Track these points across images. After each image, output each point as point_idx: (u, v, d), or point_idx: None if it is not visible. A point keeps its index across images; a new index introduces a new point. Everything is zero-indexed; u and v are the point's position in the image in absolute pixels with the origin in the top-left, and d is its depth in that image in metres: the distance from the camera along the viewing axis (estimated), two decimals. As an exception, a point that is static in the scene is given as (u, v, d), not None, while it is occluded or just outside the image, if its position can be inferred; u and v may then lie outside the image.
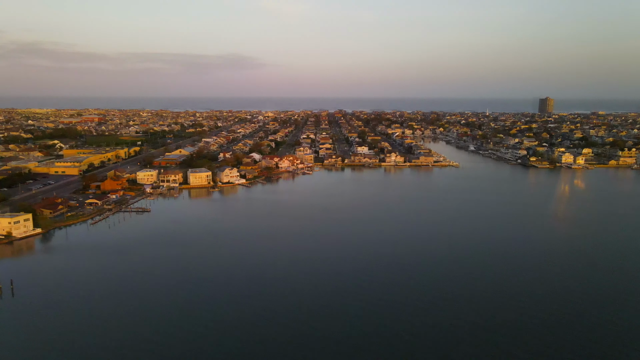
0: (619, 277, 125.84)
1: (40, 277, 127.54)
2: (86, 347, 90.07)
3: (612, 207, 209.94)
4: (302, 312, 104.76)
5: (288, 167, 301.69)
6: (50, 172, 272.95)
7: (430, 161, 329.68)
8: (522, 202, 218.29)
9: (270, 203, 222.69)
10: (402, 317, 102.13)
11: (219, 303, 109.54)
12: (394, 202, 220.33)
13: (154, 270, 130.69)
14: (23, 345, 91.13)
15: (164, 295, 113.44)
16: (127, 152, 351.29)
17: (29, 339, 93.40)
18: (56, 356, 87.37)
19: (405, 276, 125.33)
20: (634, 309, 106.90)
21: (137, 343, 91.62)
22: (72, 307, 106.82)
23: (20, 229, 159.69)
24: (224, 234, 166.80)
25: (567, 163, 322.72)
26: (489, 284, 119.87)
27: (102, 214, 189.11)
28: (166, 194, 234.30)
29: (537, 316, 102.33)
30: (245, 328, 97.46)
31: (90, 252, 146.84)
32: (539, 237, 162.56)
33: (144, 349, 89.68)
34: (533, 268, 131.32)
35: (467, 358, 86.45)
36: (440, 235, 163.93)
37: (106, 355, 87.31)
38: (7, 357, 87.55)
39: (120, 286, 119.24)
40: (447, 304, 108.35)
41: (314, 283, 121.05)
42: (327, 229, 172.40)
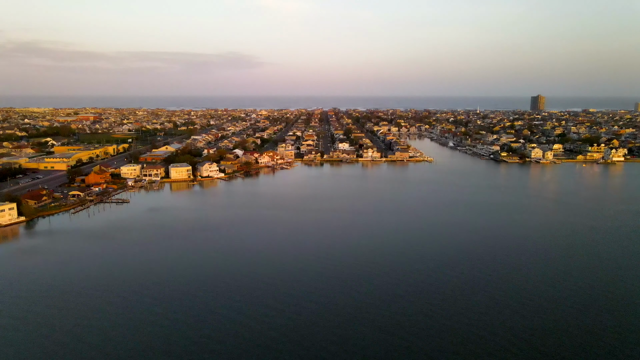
0: (553, 254, 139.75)
1: (21, 257, 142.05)
2: (62, 307, 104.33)
3: (559, 197, 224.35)
4: (278, 288, 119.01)
5: (268, 163, 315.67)
6: (40, 167, 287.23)
7: (405, 156, 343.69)
8: (473, 191, 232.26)
9: (246, 194, 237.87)
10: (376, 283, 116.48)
11: (187, 280, 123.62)
12: (364, 193, 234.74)
13: (127, 250, 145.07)
14: (6, 312, 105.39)
15: (134, 272, 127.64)
16: (116, 149, 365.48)
17: (9, 308, 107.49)
18: (36, 316, 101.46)
19: (364, 252, 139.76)
20: (568, 279, 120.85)
21: (109, 307, 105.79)
22: (49, 281, 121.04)
23: (5, 217, 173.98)
24: (198, 220, 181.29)
25: (536, 158, 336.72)
26: (428, 255, 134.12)
27: (84, 204, 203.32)
28: (147, 187, 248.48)
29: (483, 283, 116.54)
30: (216, 301, 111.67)
31: (70, 236, 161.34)
32: (473, 220, 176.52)
33: (116, 312, 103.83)
34: (464, 241, 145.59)
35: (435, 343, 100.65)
36: (397, 219, 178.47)
37: (77, 314, 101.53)
38: None
39: (94, 263, 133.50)
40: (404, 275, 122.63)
41: (285, 263, 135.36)
42: (299, 217, 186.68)
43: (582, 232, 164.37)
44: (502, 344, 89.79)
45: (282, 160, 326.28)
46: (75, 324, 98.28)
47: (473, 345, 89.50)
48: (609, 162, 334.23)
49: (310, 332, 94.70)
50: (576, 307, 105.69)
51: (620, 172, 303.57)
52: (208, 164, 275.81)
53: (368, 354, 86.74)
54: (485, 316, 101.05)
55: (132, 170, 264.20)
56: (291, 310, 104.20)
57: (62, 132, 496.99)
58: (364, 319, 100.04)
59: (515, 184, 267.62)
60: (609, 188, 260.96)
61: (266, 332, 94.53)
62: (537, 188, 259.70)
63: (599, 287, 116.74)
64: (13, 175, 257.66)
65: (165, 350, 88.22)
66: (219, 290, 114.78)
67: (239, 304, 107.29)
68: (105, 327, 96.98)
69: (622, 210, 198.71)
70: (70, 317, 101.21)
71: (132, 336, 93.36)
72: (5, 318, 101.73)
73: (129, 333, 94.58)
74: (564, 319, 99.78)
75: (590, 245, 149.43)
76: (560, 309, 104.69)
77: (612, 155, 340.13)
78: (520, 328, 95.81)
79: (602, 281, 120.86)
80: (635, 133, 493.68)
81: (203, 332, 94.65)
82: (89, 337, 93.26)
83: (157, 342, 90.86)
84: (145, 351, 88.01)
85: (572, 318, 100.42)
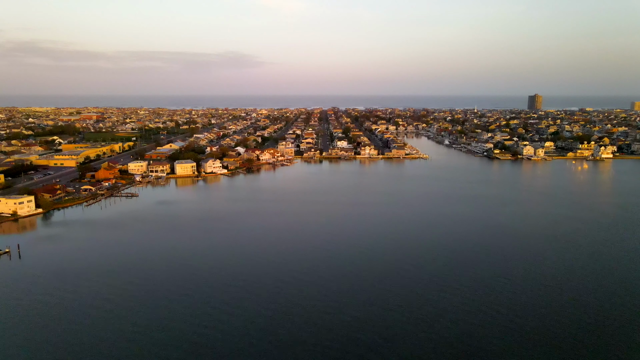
0: (534, 240, 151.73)
1: (41, 244, 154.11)
2: (76, 286, 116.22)
3: (545, 190, 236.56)
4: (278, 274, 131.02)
5: (269, 160, 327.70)
6: (50, 164, 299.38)
7: (401, 154, 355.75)
8: (465, 185, 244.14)
9: (249, 189, 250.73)
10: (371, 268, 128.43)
11: (197, 263, 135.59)
12: (362, 187, 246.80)
13: (138, 239, 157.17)
14: (28, 289, 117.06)
15: (148, 257, 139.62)
16: (122, 147, 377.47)
17: (31, 288, 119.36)
18: (53, 298, 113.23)
19: (361, 238, 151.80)
20: (543, 260, 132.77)
21: (129, 287, 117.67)
22: (67, 265, 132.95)
23: (24, 208, 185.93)
24: (205, 212, 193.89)
25: (528, 155, 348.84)
26: (412, 241, 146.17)
27: (96, 198, 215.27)
28: (154, 182, 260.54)
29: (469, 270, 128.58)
30: (223, 289, 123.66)
31: (86, 226, 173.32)
32: (463, 210, 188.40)
33: (133, 292, 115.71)
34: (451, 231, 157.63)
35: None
36: (392, 210, 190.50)
37: (92, 286, 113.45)
38: (17, 299, 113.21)
39: (110, 249, 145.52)
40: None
41: (288, 248, 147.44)
42: (300, 208, 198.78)
43: (562, 221, 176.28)
44: (484, 308, 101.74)
45: (283, 157, 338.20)
46: (90, 305, 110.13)
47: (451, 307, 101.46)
48: (598, 159, 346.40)
49: (311, 303, 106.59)
50: (545, 283, 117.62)
51: (607, 168, 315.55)
52: (212, 161, 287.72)
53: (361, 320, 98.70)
54: (469, 288, 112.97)
55: (139, 167, 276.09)
56: (295, 284, 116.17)
57: (67, 131, 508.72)
58: (359, 289, 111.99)
59: (505, 179, 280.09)
60: (593, 183, 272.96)
61: (276, 299, 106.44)
62: (525, 183, 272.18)
63: (574, 268, 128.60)
64: (25, 171, 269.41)
65: (180, 323, 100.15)
66: (227, 272, 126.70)
67: (245, 283, 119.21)
68: (122, 304, 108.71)
69: (603, 202, 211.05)
70: (90, 296, 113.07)
71: (147, 312, 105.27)
72: (35, 295, 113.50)
73: (145, 310, 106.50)
74: (533, 293, 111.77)
75: (570, 233, 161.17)
76: (530, 285, 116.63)
77: (601, 152, 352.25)
78: (495, 301, 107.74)
79: (577, 262, 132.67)
80: (628, 131, 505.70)
81: (213, 306, 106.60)
82: (104, 313, 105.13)
83: (169, 315, 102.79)
84: (157, 322, 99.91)
85: (537, 291, 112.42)
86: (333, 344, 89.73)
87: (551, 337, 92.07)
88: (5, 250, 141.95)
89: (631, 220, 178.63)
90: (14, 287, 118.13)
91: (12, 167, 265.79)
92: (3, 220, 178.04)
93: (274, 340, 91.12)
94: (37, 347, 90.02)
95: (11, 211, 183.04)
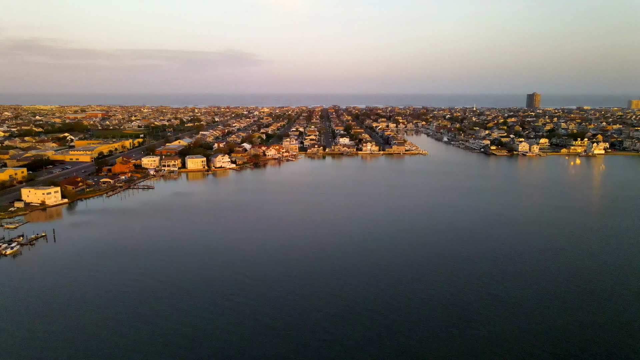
0: (524, 227, 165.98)
1: (72, 229, 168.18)
2: (111, 264, 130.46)
3: (537, 183, 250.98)
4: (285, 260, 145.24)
5: (274, 155, 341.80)
6: (66, 159, 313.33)
7: (402, 150, 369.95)
8: (462, 179, 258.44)
9: (258, 182, 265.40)
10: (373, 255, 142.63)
11: (213, 247, 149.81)
12: (364, 180, 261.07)
13: (159, 225, 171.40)
14: (70, 266, 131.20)
15: (168, 241, 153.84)
16: (132, 143, 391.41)
17: (70, 266, 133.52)
18: (87, 272, 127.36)
19: (363, 226, 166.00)
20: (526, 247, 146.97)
21: (156, 264, 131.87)
22: (99, 247, 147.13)
23: (52, 199, 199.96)
24: (219, 202, 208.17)
25: (523, 151, 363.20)
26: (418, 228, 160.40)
27: (115, 189, 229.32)
28: (167, 176, 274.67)
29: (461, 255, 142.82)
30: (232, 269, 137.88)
31: (109, 215, 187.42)
32: (459, 201, 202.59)
33: (157, 271, 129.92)
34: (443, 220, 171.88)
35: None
36: (392, 201, 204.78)
37: (115, 261, 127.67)
38: (57, 276, 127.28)
39: (132, 235, 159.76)
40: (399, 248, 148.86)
41: (296, 235, 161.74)
42: (307, 198, 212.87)
43: (550, 210, 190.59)
44: (475, 288, 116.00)
45: (288, 153, 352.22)
46: (128, 279, 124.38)
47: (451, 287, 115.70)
48: (590, 155, 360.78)
49: (315, 282, 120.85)
50: (529, 261, 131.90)
51: (598, 163, 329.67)
52: (221, 156, 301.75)
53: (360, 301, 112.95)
54: (464, 268, 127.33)
55: (152, 161, 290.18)
56: (301, 268, 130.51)
57: (76, 128, 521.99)
58: (356, 271, 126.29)
59: (500, 174, 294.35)
60: (583, 177, 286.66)
61: (285, 279, 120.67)
62: (519, 177, 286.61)
63: (554, 248, 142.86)
64: (44, 166, 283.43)
65: (197, 295, 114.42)
66: (239, 255, 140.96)
67: (254, 265, 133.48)
68: (146, 281, 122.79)
69: (590, 194, 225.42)
70: (125, 273, 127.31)
71: (167, 286, 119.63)
72: (70, 270, 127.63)
73: (166, 285, 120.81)
74: (517, 268, 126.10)
75: (555, 220, 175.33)
76: (515, 262, 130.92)
77: (593, 148, 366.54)
78: (483, 274, 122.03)
79: (557, 243, 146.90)
80: (622, 129, 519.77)
81: (231, 282, 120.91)
82: (128, 289, 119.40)
83: (189, 289, 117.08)
84: (175, 295, 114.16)
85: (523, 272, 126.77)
86: (342, 312, 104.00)
87: (532, 302, 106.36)
88: (42, 234, 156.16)
89: (614, 209, 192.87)
90: (59, 265, 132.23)
91: (32, 162, 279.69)
92: (33, 209, 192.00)
93: (285, 309, 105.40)
94: (91, 308, 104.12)
95: (40, 201, 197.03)
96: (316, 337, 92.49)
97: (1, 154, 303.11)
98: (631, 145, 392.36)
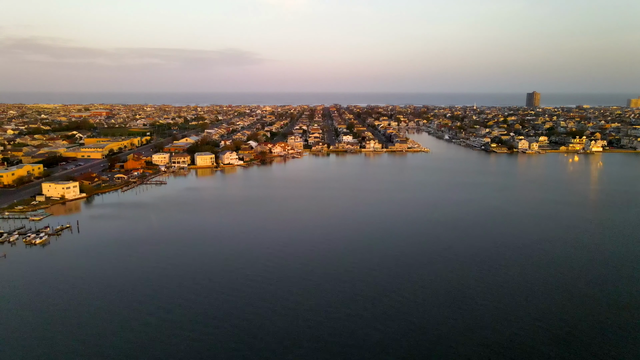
0: (521, 219, 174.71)
1: (93, 221, 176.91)
2: (135, 253, 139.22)
3: (535, 178, 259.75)
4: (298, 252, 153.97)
5: (280, 152, 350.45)
6: (78, 156, 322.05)
7: (404, 147, 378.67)
8: (463, 174, 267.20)
9: (266, 178, 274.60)
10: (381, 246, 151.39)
11: (229, 236, 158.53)
12: (368, 175, 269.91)
13: (176, 217, 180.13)
14: (93, 254, 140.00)
15: (187, 231, 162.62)
16: (140, 141, 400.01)
17: (95, 254, 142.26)
18: (111, 260, 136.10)
19: (369, 216, 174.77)
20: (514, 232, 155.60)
21: (176, 252, 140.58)
22: (122, 236, 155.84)
23: (71, 193, 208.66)
24: (231, 196, 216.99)
25: (523, 148, 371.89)
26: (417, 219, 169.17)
27: (129, 185, 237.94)
28: (177, 172, 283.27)
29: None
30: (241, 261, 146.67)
31: (126, 208, 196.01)
32: (460, 195, 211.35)
33: (175, 259, 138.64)
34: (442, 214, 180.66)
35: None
36: (396, 195, 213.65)
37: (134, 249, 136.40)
38: (85, 263, 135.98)
39: (147, 227, 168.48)
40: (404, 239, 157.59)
41: (308, 226, 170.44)
42: (315, 193, 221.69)
43: (548, 203, 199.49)
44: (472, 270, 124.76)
45: (293, 150, 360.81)
46: (150, 265, 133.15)
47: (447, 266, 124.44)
48: (588, 152, 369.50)
49: (328, 267, 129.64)
50: (525, 249, 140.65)
51: (595, 160, 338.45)
52: (229, 153, 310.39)
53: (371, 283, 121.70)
54: (461, 253, 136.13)
55: (162, 158, 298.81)
56: (314, 253, 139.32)
57: (83, 126, 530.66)
58: (367, 258, 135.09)
59: (500, 170, 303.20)
60: (581, 173, 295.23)
61: (299, 264, 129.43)
62: (519, 173, 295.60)
63: (549, 237, 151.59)
64: (57, 162, 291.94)
65: (219, 279, 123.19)
66: (257, 243, 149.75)
67: (272, 252, 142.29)
68: (167, 267, 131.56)
69: (587, 189, 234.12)
70: (141, 262, 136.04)
71: (189, 272, 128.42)
72: (96, 258, 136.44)
73: (187, 271, 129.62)
74: (514, 253, 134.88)
75: (552, 213, 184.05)
76: (512, 249, 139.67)
77: (591, 146, 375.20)
78: (483, 260, 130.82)
79: (552, 233, 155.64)
80: (620, 127, 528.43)
81: (246, 265, 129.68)
82: (152, 275, 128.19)
83: (210, 273, 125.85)
84: (191, 279, 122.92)
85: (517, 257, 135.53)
86: (352, 296, 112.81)
87: (526, 282, 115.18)
88: (67, 226, 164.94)
89: (610, 203, 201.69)
90: (85, 253, 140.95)
91: (47, 158, 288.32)
92: (53, 202, 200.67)
93: (298, 292, 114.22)
94: (118, 291, 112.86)
95: (59, 195, 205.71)
96: (334, 314, 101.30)
97: (15, 151, 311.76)
98: (628, 143, 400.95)
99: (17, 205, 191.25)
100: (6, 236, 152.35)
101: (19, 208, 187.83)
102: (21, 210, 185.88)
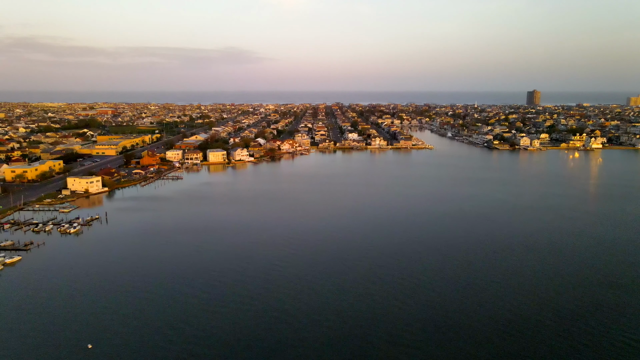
0: (522, 211, 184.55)
1: (119, 213, 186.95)
2: (165, 242, 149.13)
3: (536, 173, 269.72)
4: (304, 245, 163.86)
5: (288, 149, 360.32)
6: (92, 152, 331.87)
7: (409, 144, 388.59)
8: (467, 170, 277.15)
9: (277, 173, 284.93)
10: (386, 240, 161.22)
11: (246, 227, 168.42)
12: (375, 171, 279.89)
13: (197, 209, 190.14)
14: (123, 242, 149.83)
15: (207, 222, 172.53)
16: (151, 138, 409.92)
17: (125, 242, 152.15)
18: (141, 247, 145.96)
19: (376, 208, 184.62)
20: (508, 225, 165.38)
21: (201, 241, 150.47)
22: (149, 227, 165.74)
23: (94, 187, 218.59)
24: (246, 190, 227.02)
25: (525, 145, 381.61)
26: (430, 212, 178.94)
27: (147, 180, 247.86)
28: (190, 168, 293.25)
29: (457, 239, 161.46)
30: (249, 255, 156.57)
31: (148, 201, 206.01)
32: (465, 189, 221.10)
33: (195, 247, 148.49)
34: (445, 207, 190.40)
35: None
36: (403, 190, 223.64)
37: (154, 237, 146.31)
38: (117, 250, 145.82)
39: (174, 216, 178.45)
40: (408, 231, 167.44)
41: (323, 217, 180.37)
42: (325, 187, 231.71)
43: (549, 196, 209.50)
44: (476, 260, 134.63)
45: (300, 147, 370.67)
46: (180, 253, 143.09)
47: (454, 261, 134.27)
48: (588, 149, 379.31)
49: (343, 254, 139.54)
50: (527, 239, 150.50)
51: (595, 157, 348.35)
52: (240, 150, 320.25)
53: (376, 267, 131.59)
54: (464, 245, 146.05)
55: (176, 155, 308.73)
56: (328, 243, 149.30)
57: (91, 124, 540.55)
58: (379, 247, 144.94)
59: (503, 166, 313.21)
60: (581, 168, 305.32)
61: (316, 252, 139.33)
62: (521, 168, 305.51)
63: (549, 227, 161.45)
64: (74, 159, 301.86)
65: (246, 265, 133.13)
66: (277, 232, 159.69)
67: (292, 239, 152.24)
68: (195, 254, 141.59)
69: (587, 183, 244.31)
70: (170, 249, 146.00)
71: (216, 258, 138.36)
72: (126, 246, 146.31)
73: (214, 257, 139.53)
74: (516, 240, 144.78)
75: (554, 205, 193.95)
76: (515, 237, 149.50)
77: (591, 143, 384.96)
78: (486, 248, 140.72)
79: (553, 223, 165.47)
80: (619, 125, 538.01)
81: (266, 253, 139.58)
82: (170, 263, 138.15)
83: (235, 260, 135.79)
84: (209, 267, 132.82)
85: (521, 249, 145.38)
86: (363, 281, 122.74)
87: (529, 267, 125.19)
88: (96, 217, 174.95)
89: (609, 196, 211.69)
90: (115, 241, 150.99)
91: (65, 155, 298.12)
92: (78, 196, 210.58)
93: (312, 280, 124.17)
94: (155, 272, 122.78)
95: (84, 189, 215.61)
96: (355, 292, 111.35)
97: (32, 148, 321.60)
98: (628, 140, 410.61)
99: (45, 199, 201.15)
100: (41, 226, 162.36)
101: (48, 201, 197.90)
102: (50, 203, 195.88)
